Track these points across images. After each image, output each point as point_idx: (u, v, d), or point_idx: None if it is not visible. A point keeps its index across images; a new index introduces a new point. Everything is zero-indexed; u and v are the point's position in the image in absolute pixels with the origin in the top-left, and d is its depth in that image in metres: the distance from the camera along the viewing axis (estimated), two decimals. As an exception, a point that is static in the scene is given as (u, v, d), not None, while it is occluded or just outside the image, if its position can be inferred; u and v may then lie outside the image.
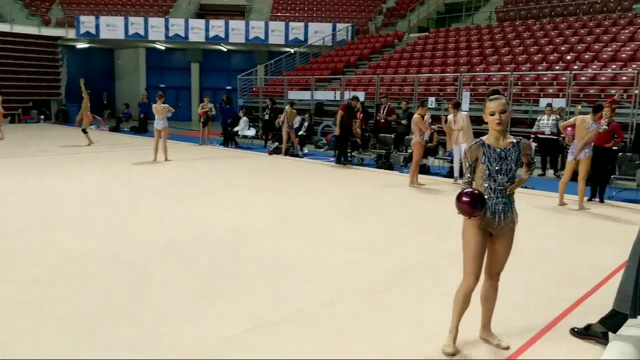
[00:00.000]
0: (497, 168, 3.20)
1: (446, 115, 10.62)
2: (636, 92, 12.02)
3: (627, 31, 15.81)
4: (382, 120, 14.51)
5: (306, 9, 27.98)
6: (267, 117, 16.64)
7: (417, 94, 16.18)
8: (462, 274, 3.33)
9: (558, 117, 11.71)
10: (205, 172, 11.26)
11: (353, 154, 13.52)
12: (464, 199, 3.14)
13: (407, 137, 13.17)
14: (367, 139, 14.71)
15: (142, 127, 20.41)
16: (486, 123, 3.32)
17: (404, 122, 14.02)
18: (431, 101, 15.06)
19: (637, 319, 3.41)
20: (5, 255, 5.24)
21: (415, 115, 9.88)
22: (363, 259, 5.34)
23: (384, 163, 12.51)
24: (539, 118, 11.96)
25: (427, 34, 22.07)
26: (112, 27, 25.43)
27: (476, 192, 3.18)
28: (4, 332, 3.57)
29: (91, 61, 28.46)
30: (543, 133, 11.54)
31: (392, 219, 7.26)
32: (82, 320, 3.74)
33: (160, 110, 12.18)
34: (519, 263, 5.19)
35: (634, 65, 13.49)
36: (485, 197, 3.22)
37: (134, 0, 28.42)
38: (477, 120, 10.87)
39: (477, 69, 16.70)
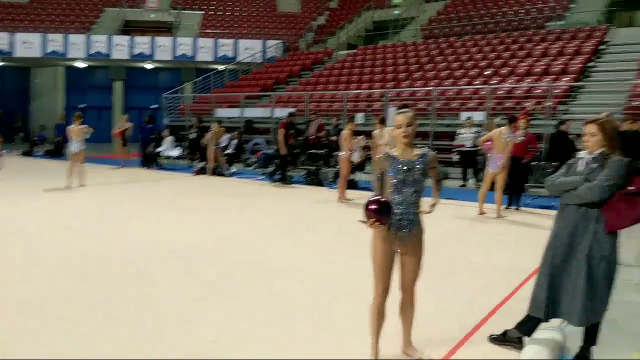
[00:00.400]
0: (402, 179, 3.17)
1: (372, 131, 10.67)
2: (549, 104, 12.65)
3: (540, 47, 16.74)
4: (312, 137, 14.43)
5: (236, 25, 27.75)
6: (193, 136, 16.14)
7: (346, 110, 16.28)
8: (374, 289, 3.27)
9: (479, 129, 12.08)
10: (124, 196, 10.59)
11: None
12: (371, 207, 3.09)
13: (335, 153, 13.13)
14: (297, 155, 14.56)
15: (58, 151, 19.17)
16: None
17: (333, 138, 14.02)
18: (360, 117, 15.17)
19: (550, 322, 3.51)
20: None
21: (344, 131, 9.85)
22: (306, 272, 5.22)
23: (314, 179, 12.38)
24: (457, 132, 12.28)
25: (355, 51, 22.44)
26: (28, 45, 24.04)
27: (382, 199, 3.13)
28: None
29: (4, 80, 26.73)
30: (464, 146, 11.85)
31: (325, 234, 7.17)
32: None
33: (77, 131, 11.40)
34: (440, 271, 5.26)
35: (546, 79, 14.24)
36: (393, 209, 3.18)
37: (53, 16, 27.05)
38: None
39: (403, 85, 17.07)
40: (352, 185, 11.48)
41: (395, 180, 3.17)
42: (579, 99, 13.69)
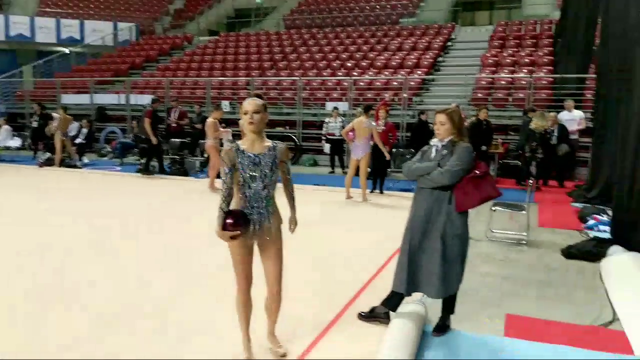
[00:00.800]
0: (251, 174, 2.99)
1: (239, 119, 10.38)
2: (404, 95, 13.42)
3: (396, 42, 17.72)
4: (174, 125, 13.66)
5: (81, 5, 25.27)
6: (35, 124, 14.34)
7: (209, 97, 15.70)
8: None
9: (344, 119, 12.36)
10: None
11: (144, 160, 12.36)
12: (229, 221, 2.94)
13: (201, 141, 12.57)
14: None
15: None
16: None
17: (198, 126, 13.41)
18: (225, 105, 14.71)
19: (412, 296, 3.74)
20: None
21: (209, 119, 9.41)
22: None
23: (179, 169, 11.72)
24: (327, 120, 12.47)
25: (217, 37, 21.78)
26: None
27: (236, 211, 2.99)
28: None
29: None
30: (334, 135, 12.05)
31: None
32: None
33: None
34: (311, 256, 5.26)
35: (402, 72, 15.10)
36: (242, 206, 3.03)
37: None
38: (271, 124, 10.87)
39: (269, 74, 16.94)
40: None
41: (242, 176, 2.99)
42: (431, 90, 14.75)
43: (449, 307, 3.68)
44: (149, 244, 5.82)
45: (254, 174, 2.99)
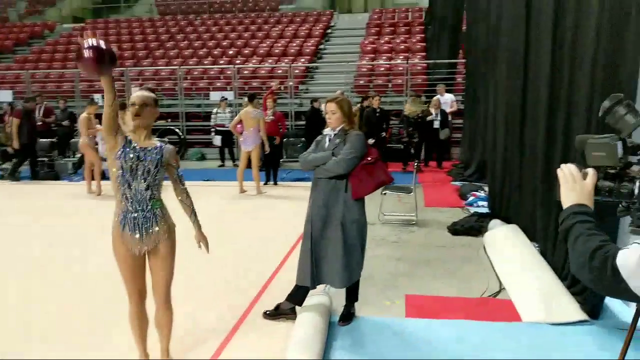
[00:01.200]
0: (130, 167, 2.71)
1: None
2: (290, 83, 13.42)
3: (277, 29, 17.61)
4: (40, 123, 12.34)
5: None
6: None
7: (79, 91, 14.44)
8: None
9: (232, 109, 12.02)
10: None
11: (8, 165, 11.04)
12: (88, 54, 2.52)
13: (73, 140, 11.55)
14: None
15: None
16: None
17: (65, 123, 12.26)
18: (97, 98, 13.58)
19: (317, 289, 3.72)
20: None
21: (83, 115, 8.60)
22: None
23: (49, 173, 10.59)
24: (215, 111, 11.97)
25: (83, 24, 20.02)
26: None
27: (103, 44, 2.58)
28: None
29: None
30: (224, 126, 11.63)
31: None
32: None
33: None
34: (209, 256, 5.01)
35: (286, 60, 15.06)
36: (122, 209, 2.75)
37: None
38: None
39: (144, 63, 15.97)
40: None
41: (121, 169, 2.71)
42: (315, 78, 14.92)
43: (352, 295, 3.73)
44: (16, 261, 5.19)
45: (134, 166, 2.70)
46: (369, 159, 3.55)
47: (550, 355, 3.18)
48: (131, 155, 2.69)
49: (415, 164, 7.65)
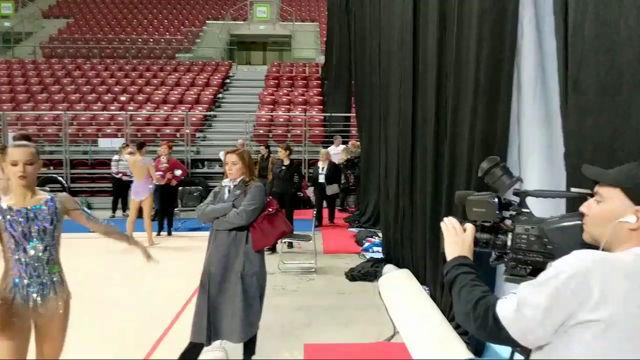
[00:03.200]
0: (24, 232, 2.46)
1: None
2: (187, 131, 13.21)
3: (173, 76, 17.40)
4: None
5: None
6: None
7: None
8: None
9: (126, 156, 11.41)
10: None
11: None
12: None
13: None
14: None
15: None
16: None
17: None
18: (-32, 143, 12.34)
19: (213, 344, 3.56)
20: None
21: None
22: None
23: None
24: (115, 158, 11.23)
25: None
26: None
27: None
28: None
29: None
30: (126, 174, 10.99)
31: None
32: None
33: None
34: (91, 317, 4.63)
35: (182, 108, 14.86)
36: (13, 277, 2.45)
37: None
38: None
39: (25, 107, 14.88)
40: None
41: (12, 237, 2.44)
42: (214, 126, 14.83)
43: (250, 348, 3.63)
44: None
45: (27, 231, 2.44)
46: (270, 209, 3.57)
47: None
48: (20, 220, 2.42)
49: (315, 212, 7.79)
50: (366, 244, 7.54)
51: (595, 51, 2.18)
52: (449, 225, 1.56)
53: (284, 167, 7.80)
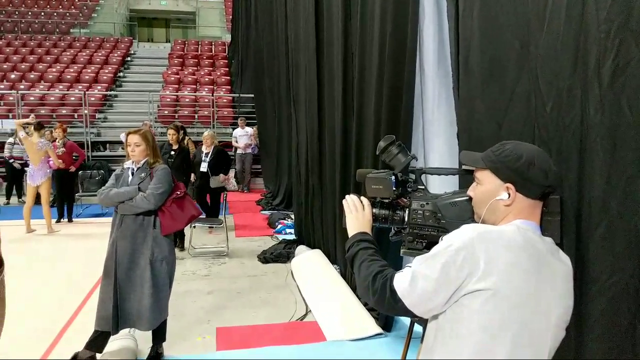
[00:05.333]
0: None
1: None
2: (85, 111, 12.41)
3: (68, 53, 16.18)
4: None
5: None
6: None
7: None
8: None
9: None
10: None
11: None
12: None
13: None
14: None
15: None
16: None
17: None
18: None
19: (121, 332, 3.46)
20: None
21: None
22: None
23: None
24: (10, 141, 10.23)
25: None
26: None
27: None
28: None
29: None
30: (22, 159, 10.08)
31: None
32: None
33: None
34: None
35: (79, 87, 13.90)
36: None
37: None
38: None
39: None
40: None
41: None
42: (115, 107, 14.03)
43: (160, 335, 3.57)
44: None
45: None
46: (178, 192, 3.48)
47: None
48: None
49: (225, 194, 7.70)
50: (279, 226, 7.61)
51: (483, 34, 2.32)
52: (349, 202, 1.62)
53: (172, 153, 6.49)
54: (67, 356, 3.40)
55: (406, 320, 4.19)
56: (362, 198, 1.63)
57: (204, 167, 7.26)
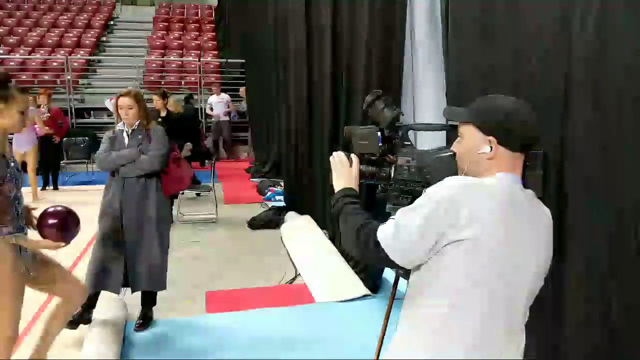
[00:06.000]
0: (16, 180, 2.40)
1: None
2: (68, 77, 12.14)
3: (48, 17, 15.72)
4: None
5: None
6: None
7: None
8: None
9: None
10: None
11: None
12: (52, 221, 2.39)
13: None
14: None
15: None
16: None
17: None
18: None
19: (110, 296, 3.51)
20: None
21: None
22: None
23: None
24: None
25: None
26: None
27: (63, 209, 2.47)
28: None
29: None
30: None
31: None
32: None
33: None
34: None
35: (62, 51, 13.55)
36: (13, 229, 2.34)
37: None
38: None
39: None
40: None
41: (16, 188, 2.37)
42: (99, 72, 13.72)
43: (151, 299, 3.58)
44: None
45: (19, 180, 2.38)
46: (175, 154, 3.50)
47: (340, 328, 3.51)
48: (12, 165, 2.31)
49: (213, 160, 7.65)
50: (268, 193, 7.60)
51: None
52: (336, 159, 1.62)
53: (160, 120, 6.08)
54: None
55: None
56: (352, 155, 1.63)
57: None
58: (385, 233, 1.33)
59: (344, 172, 1.59)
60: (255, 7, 9.42)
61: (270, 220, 6.11)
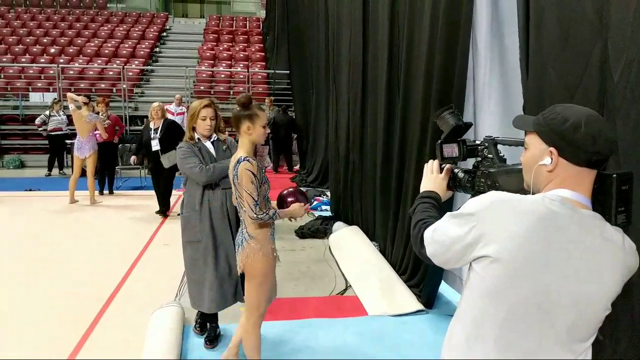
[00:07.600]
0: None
1: None
2: (124, 86, 12.61)
3: (106, 28, 16.41)
4: None
5: None
6: None
7: None
8: (250, 318, 2.90)
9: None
10: None
11: None
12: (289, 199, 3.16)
13: None
14: None
15: None
16: None
17: None
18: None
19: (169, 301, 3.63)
20: None
21: None
22: None
23: None
24: (46, 114, 10.57)
25: None
26: None
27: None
28: None
29: None
30: (61, 130, 10.45)
31: None
32: None
33: None
34: (43, 276, 4.50)
35: (117, 61, 14.11)
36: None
37: None
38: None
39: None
40: None
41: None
42: (152, 82, 14.21)
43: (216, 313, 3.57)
44: None
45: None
46: None
47: (392, 343, 3.48)
48: (264, 170, 2.85)
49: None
50: (315, 203, 7.65)
51: (558, 3, 2.19)
52: (428, 166, 1.72)
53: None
54: (116, 322, 3.52)
55: (449, 297, 4.20)
56: (448, 165, 1.70)
57: (155, 145, 6.44)
58: (428, 231, 1.39)
59: (430, 177, 1.68)
60: (305, 18, 9.56)
61: (318, 230, 6.14)
